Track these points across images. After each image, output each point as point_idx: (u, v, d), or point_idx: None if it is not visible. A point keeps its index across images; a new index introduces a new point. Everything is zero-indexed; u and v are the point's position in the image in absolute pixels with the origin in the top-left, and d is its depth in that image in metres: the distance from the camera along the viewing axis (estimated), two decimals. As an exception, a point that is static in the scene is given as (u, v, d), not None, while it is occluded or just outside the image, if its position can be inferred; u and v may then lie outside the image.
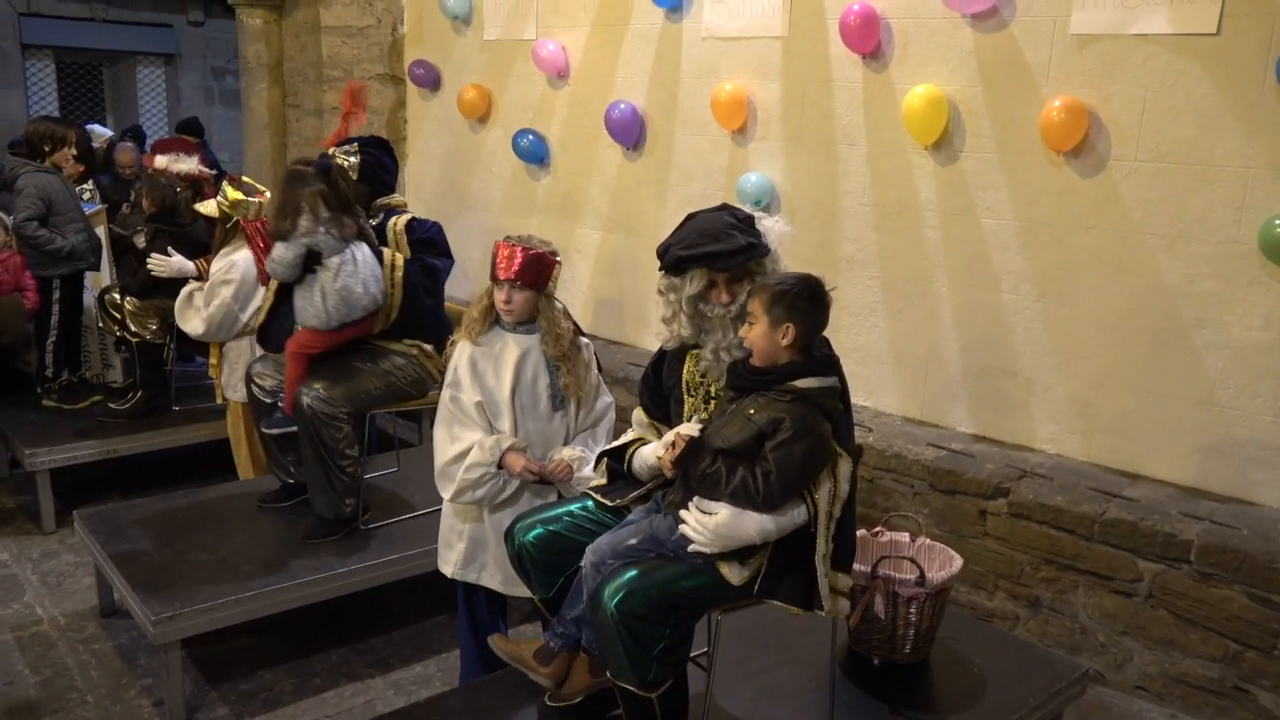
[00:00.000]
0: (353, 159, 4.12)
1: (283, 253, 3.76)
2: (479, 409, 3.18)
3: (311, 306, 3.82)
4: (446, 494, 3.23)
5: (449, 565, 3.34)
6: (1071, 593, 3.53)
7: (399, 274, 3.95)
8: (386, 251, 3.95)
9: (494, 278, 3.15)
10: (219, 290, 4.63)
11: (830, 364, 2.47)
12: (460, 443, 3.17)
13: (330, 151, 4.17)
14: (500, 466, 3.14)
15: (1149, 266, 3.54)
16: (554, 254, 3.19)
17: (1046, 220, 3.76)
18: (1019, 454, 3.86)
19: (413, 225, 4.10)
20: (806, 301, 2.42)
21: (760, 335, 2.42)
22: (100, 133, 8.48)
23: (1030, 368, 3.87)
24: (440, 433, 3.23)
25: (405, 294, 3.96)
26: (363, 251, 3.84)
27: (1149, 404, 3.59)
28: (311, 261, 3.79)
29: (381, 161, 4.25)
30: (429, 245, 4.13)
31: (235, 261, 4.61)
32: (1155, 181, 3.49)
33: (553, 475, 3.16)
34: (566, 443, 3.29)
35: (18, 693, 3.62)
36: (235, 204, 4.54)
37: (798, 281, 2.44)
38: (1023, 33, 3.73)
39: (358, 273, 3.80)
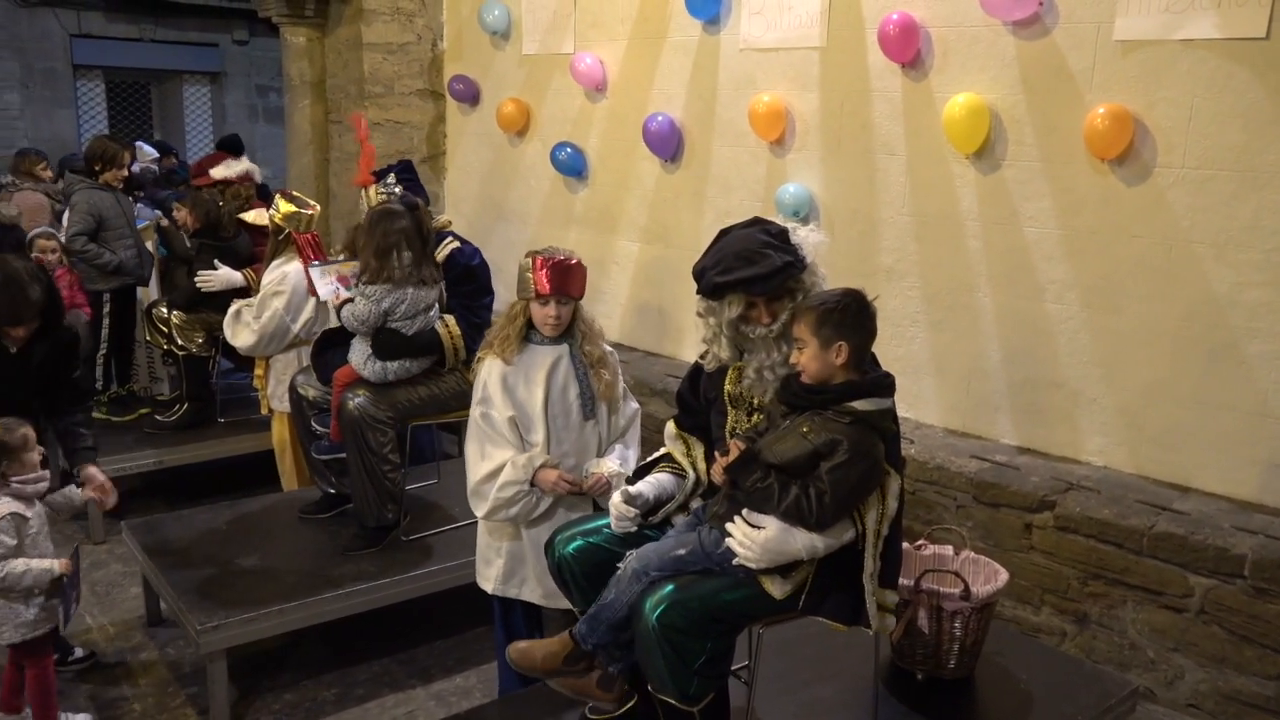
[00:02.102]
0: (396, 190, 4.20)
1: (365, 313, 3.83)
2: (511, 424, 3.19)
3: (369, 368, 3.90)
4: (480, 512, 3.24)
5: (489, 582, 3.34)
6: (1120, 608, 3.46)
7: (460, 349, 4.03)
8: (440, 327, 4.01)
9: (538, 295, 3.15)
10: (270, 302, 4.70)
11: (886, 385, 2.44)
12: (492, 460, 3.17)
13: (373, 191, 4.25)
14: (533, 484, 3.15)
15: (1197, 275, 3.48)
16: None
17: (1091, 229, 3.71)
18: (1065, 466, 3.80)
19: (453, 258, 4.13)
20: (854, 316, 2.40)
21: (812, 357, 2.39)
22: (148, 152, 8.64)
23: (1076, 378, 3.81)
24: (472, 450, 3.24)
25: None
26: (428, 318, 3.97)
27: (1199, 415, 3.52)
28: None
29: (417, 184, 4.35)
30: (467, 279, 4.16)
31: (287, 273, 4.68)
32: (1203, 189, 3.43)
33: (590, 490, 3.17)
34: (600, 451, 3.31)
35: (66, 701, 3.68)
36: (288, 216, 4.62)
37: (841, 297, 2.42)
38: (1065, 39, 3.69)
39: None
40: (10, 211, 6.03)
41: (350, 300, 3.92)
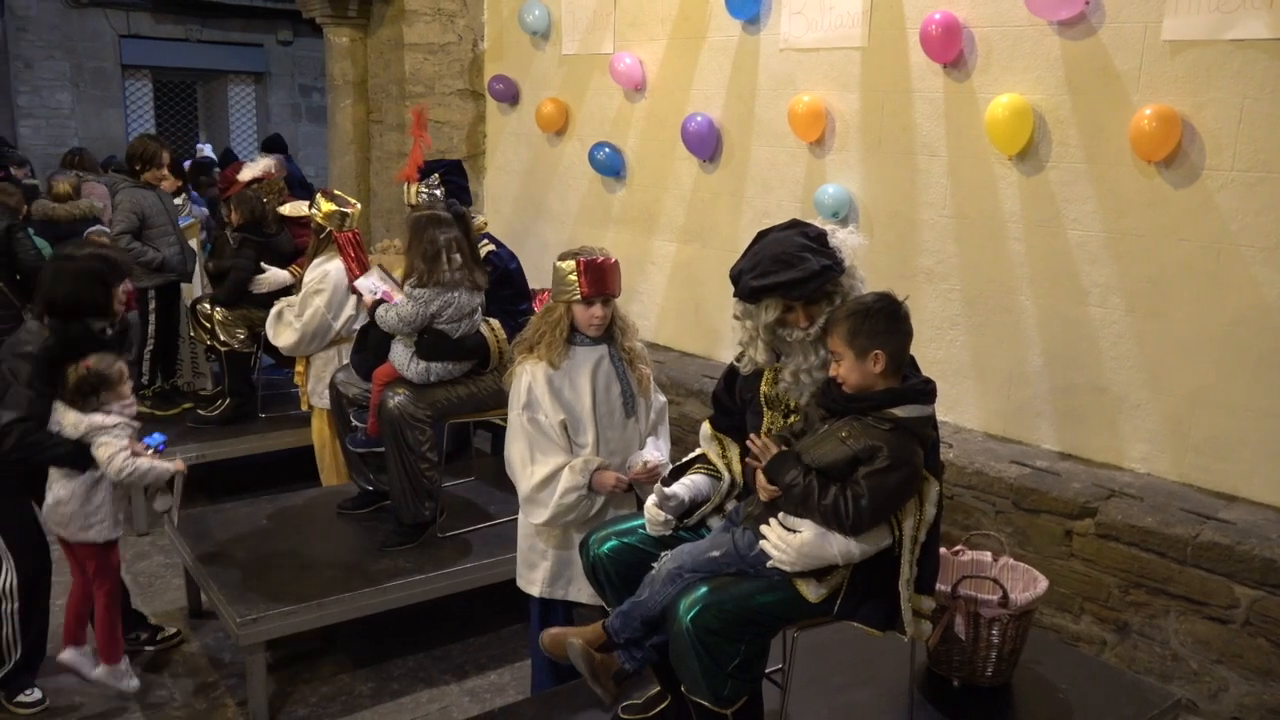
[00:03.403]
0: (437, 192, 4.22)
1: (411, 315, 3.84)
2: (562, 428, 3.18)
3: (411, 368, 3.92)
4: (539, 519, 3.21)
5: (535, 585, 3.33)
6: (1162, 618, 3.40)
7: (506, 352, 4.02)
8: (485, 330, 4.03)
9: (583, 297, 3.14)
10: (312, 300, 4.75)
11: (928, 392, 2.42)
12: (544, 466, 3.16)
13: (416, 187, 4.27)
14: (590, 487, 3.15)
15: (1246, 280, 3.40)
16: None
17: (1136, 232, 3.65)
18: (1106, 473, 3.74)
19: (490, 262, 4.14)
20: (886, 322, 2.37)
21: (850, 369, 2.37)
22: (207, 155, 8.82)
23: (1119, 384, 3.75)
24: (518, 455, 3.21)
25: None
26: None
27: (1247, 423, 3.44)
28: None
29: (463, 186, 4.36)
30: (506, 284, 4.17)
31: (328, 271, 4.73)
32: (1253, 191, 3.36)
33: (641, 477, 3.17)
34: (640, 447, 3.33)
35: (109, 688, 3.75)
36: (329, 215, 4.67)
37: (870, 306, 2.39)
38: (1111, 40, 3.63)
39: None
40: (99, 204, 6.17)
41: (381, 302, 3.94)
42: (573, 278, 3.14)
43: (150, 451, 3.54)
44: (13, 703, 3.56)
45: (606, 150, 5.64)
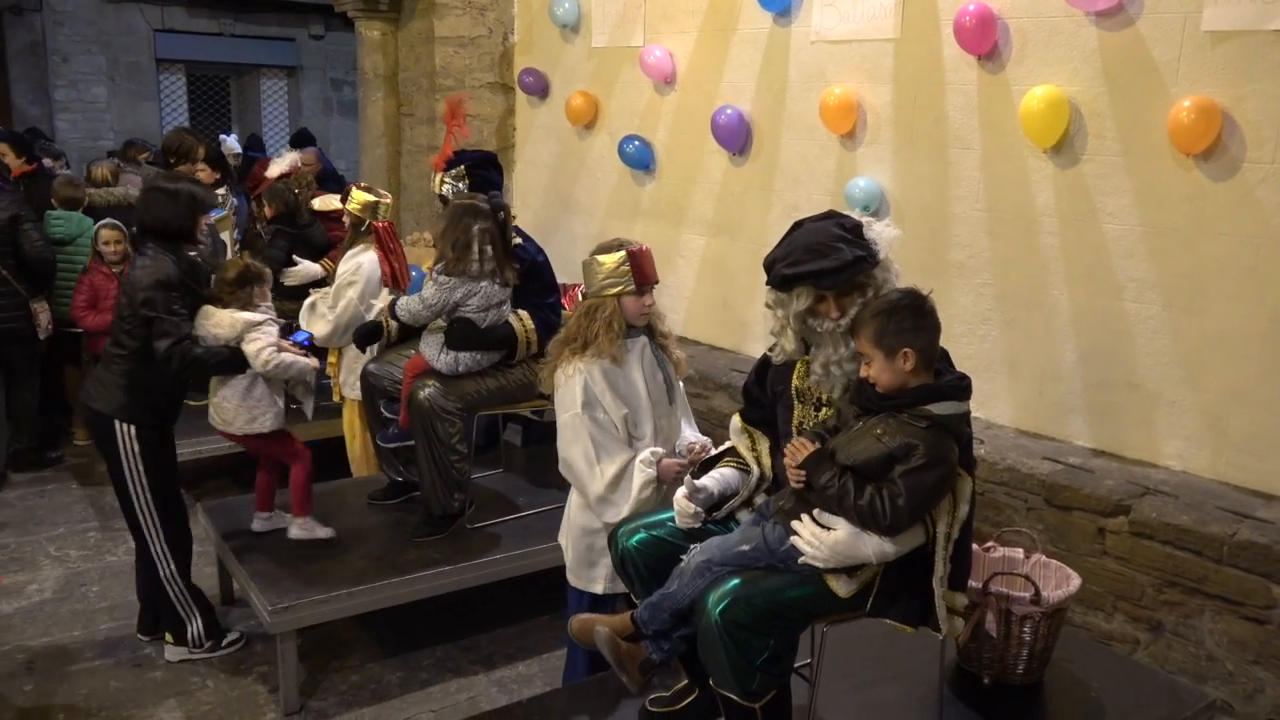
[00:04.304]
0: (461, 185, 4.22)
1: (434, 298, 3.87)
2: (625, 423, 3.18)
3: (442, 360, 3.93)
4: (616, 517, 3.10)
5: (598, 583, 3.28)
6: (1197, 617, 3.35)
7: (533, 342, 4.03)
8: (514, 320, 4.03)
9: (638, 287, 3.15)
10: (345, 292, 4.78)
11: (963, 388, 2.40)
12: (612, 464, 3.14)
13: (441, 176, 4.28)
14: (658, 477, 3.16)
15: (1287, 275, 3.35)
16: None
17: (1174, 226, 3.59)
18: (1141, 470, 3.69)
19: (516, 255, 4.14)
20: (912, 318, 2.34)
21: (881, 370, 2.35)
22: (231, 145, 8.87)
23: (1154, 380, 3.70)
24: (582, 457, 3.16)
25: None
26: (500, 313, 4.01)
27: (1286, 420, 3.39)
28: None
29: (490, 179, 4.35)
30: (534, 277, 4.18)
31: (361, 263, 4.76)
32: (1295, 185, 3.30)
33: (695, 458, 3.17)
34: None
35: (144, 675, 3.81)
36: (365, 206, 4.69)
37: (894, 303, 2.36)
38: (1150, 30, 3.58)
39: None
40: (133, 192, 6.29)
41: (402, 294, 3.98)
42: (625, 269, 3.12)
43: (296, 348, 3.76)
44: (223, 646, 3.94)
45: (636, 143, 5.63)
